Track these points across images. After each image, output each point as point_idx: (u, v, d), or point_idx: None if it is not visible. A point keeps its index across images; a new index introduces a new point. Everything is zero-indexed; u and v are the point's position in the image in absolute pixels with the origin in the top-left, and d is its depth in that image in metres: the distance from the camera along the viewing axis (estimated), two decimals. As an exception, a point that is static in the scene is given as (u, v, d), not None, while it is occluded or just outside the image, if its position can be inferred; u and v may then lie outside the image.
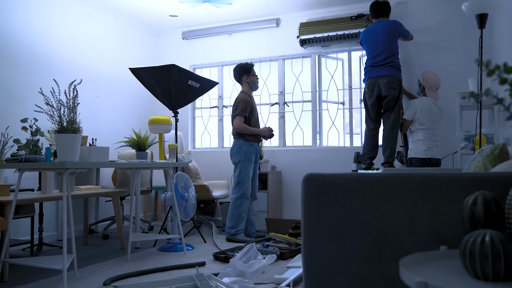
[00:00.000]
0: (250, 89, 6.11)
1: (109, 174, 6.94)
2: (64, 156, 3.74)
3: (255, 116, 6.02)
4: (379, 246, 1.72)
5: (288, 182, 7.17)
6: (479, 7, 4.47)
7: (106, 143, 6.87)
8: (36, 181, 5.69)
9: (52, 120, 3.84)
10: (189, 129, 8.06)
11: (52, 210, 5.94)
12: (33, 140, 4.14)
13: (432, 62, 6.32)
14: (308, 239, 1.83)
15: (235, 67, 6.11)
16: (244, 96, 5.96)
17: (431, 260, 1.38)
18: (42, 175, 4.75)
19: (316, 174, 1.84)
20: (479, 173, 1.69)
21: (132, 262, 4.64)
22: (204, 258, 4.84)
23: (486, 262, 1.14)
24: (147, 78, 5.58)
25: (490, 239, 1.16)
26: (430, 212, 1.67)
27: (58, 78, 6.08)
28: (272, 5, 6.90)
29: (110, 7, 6.94)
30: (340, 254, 1.77)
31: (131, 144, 5.42)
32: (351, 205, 1.77)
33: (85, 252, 5.20)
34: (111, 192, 5.44)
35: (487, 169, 2.12)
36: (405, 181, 1.72)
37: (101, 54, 6.96)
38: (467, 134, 5.09)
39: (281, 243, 5.23)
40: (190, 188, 5.54)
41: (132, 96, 7.61)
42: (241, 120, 5.86)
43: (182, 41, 8.13)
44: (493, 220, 1.33)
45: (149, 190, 6.48)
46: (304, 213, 1.84)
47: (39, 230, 5.18)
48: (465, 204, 1.39)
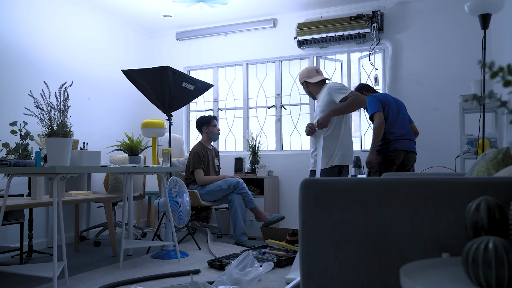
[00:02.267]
0: (209, 139, 6.72)
1: (101, 179, 6.92)
2: (55, 160, 3.73)
3: (207, 164, 6.62)
4: (379, 253, 1.72)
5: (285, 187, 7.16)
6: (482, 7, 4.47)
7: (98, 147, 6.85)
8: (25, 186, 5.67)
9: (42, 123, 3.83)
10: (183, 133, 8.05)
11: (42, 216, 5.92)
12: (22, 144, 4.13)
13: (434, 64, 6.33)
14: (306, 246, 1.83)
15: (197, 119, 6.77)
16: (196, 149, 6.58)
17: (433, 268, 1.38)
18: (32, 180, 4.74)
19: (314, 179, 1.84)
20: (482, 178, 1.69)
21: (124, 270, 4.63)
22: (198, 265, 4.83)
23: (489, 270, 1.14)
24: (140, 80, 5.57)
25: (494, 246, 1.15)
26: (431, 218, 1.67)
27: (48, 80, 6.06)
28: (268, 5, 6.91)
29: (101, 7, 6.94)
30: (339, 262, 1.77)
31: (123, 148, 5.41)
32: (350, 211, 1.76)
33: (76, 260, 5.18)
34: (103, 198, 5.43)
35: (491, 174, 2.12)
36: (406, 186, 1.72)
37: (92, 55, 6.95)
38: (470, 138, 5.10)
39: (278, 250, 5.22)
40: (184, 193, 5.53)
41: (125, 99, 7.61)
42: (201, 173, 6.48)
43: (176, 42, 8.14)
44: (496, 227, 1.33)
45: (142, 196, 6.46)
46: (302, 219, 1.84)
47: (28, 237, 5.16)
48: (468, 210, 1.38)
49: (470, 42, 6.15)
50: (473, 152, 4.98)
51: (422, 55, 6.43)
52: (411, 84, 6.47)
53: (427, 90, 6.37)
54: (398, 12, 6.56)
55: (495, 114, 5.23)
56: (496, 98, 3.96)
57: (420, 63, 6.43)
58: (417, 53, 6.46)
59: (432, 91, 6.34)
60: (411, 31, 6.46)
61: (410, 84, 6.47)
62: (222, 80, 7.96)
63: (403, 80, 6.50)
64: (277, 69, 7.46)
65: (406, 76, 6.48)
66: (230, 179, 6.30)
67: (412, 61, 6.49)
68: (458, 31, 6.24)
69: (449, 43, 6.29)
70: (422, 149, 6.26)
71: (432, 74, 6.36)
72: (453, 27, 6.26)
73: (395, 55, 6.55)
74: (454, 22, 6.26)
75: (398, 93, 6.45)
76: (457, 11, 6.22)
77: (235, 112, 7.80)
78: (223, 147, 7.85)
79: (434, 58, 6.35)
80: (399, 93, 6.46)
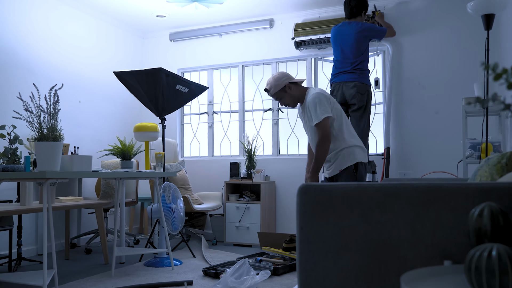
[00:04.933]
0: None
1: (92, 184, 6.91)
2: (44, 165, 3.72)
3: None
4: (379, 261, 1.72)
5: (282, 193, 7.16)
6: (485, 7, 4.47)
7: (89, 152, 6.85)
8: (14, 192, 5.66)
9: (31, 127, 3.82)
10: (177, 137, 8.04)
11: (32, 223, 5.91)
12: (11, 148, 4.12)
13: (435, 65, 6.33)
14: (303, 253, 1.83)
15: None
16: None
17: (435, 276, 1.37)
18: (21, 186, 4.72)
19: (312, 184, 1.84)
20: (486, 183, 1.69)
21: (116, 278, 4.62)
22: (193, 273, 4.82)
23: (493, 278, 1.14)
24: (132, 82, 5.57)
25: (497, 253, 1.15)
26: (433, 224, 1.67)
27: (38, 82, 6.06)
28: (265, 4, 6.92)
29: (93, 8, 6.93)
30: (337, 269, 1.77)
31: (115, 153, 5.40)
32: (349, 217, 1.76)
33: (67, 268, 5.17)
34: (94, 204, 5.42)
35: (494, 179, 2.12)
36: (407, 191, 1.71)
37: (83, 57, 6.95)
38: (473, 142, 5.10)
39: (275, 257, 5.22)
40: (178, 199, 5.53)
41: (117, 102, 7.60)
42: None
43: (169, 43, 8.14)
44: (500, 234, 1.33)
45: (134, 202, 6.46)
46: (300, 226, 1.84)
47: (17, 244, 5.14)
48: (471, 216, 1.38)
49: (473, 43, 6.15)
50: (476, 157, 4.99)
51: (423, 57, 6.43)
52: (411, 87, 6.46)
53: (428, 93, 6.36)
54: (398, 12, 6.56)
55: (499, 117, 5.25)
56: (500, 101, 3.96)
57: (421, 65, 6.43)
58: (418, 54, 6.46)
59: (433, 94, 6.34)
60: (412, 32, 6.46)
61: (411, 87, 6.47)
62: (217, 82, 7.95)
63: (403, 83, 6.50)
64: (274, 71, 7.45)
65: (407, 78, 6.47)
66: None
67: (413, 63, 6.48)
68: (461, 31, 6.24)
69: (451, 44, 6.29)
70: (423, 153, 6.27)
71: (433, 76, 6.36)
72: (455, 28, 6.27)
73: (395, 57, 6.55)
74: (456, 22, 6.26)
75: (398, 96, 6.45)
76: (459, 11, 6.23)
77: (231, 116, 7.79)
78: (218, 151, 7.85)
79: (436, 59, 6.36)
80: (399, 95, 6.46)
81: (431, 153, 6.24)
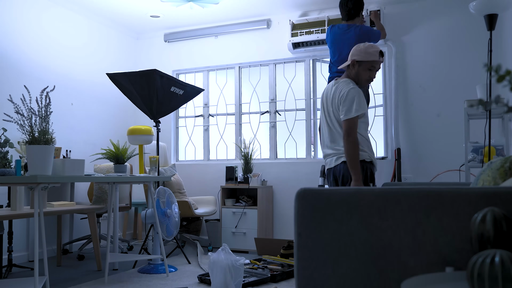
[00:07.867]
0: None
1: (85, 189, 6.89)
2: (36, 169, 3.71)
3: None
4: (380, 268, 1.72)
5: (279, 197, 7.15)
6: (488, 7, 4.47)
7: (82, 155, 6.82)
8: (5, 197, 5.64)
9: (22, 130, 3.82)
10: (172, 140, 8.04)
11: (23, 228, 5.89)
12: (1, 152, 4.11)
13: (437, 67, 6.33)
14: (301, 260, 1.82)
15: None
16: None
17: (436, 283, 1.37)
18: (12, 190, 4.71)
19: (310, 189, 1.84)
20: (488, 188, 1.69)
21: (109, 285, 4.61)
22: (188, 280, 4.82)
23: (496, 285, 1.14)
24: (126, 84, 5.57)
25: (500, 260, 1.15)
26: (435, 230, 1.67)
27: (29, 84, 6.04)
28: (262, 4, 6.92)
29: (86, 8, 6.93)
30: (336, 276, 1.77)
31: (108, 157, 5.40)
32: (348, 223, 1.76)
33: (59, 274, 5.15)
34: (87, 209, 5.41)
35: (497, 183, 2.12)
36: (407, 196, 1.71)
37: (76, 58, 6.94)
38: (475, 145, 5.10)
39: (273, 264, 5.21)
40: (173, 204, 5.52)
41: (110, 104, 7.59)
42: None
43: (164, 44, 8.13)
44: (503, 239, 1.33)
45: (128, 207, 6.44)
46: (297, 232, 1.84)
47: (8, 250, 5.13)
48: (473, 221, 1.38)
49: (476, 44, 6.14)
50: (478, 161, 4.99)
51: (424, 58, 6.42)
52: (412, 89, 6.46)
53: (430, 95, 6.36)
54: (399, 12, 6.56)
55: (502, 120, 5.25)
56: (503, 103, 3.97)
57: (422, 66, 6.43)
58: (419, 55, 6.46)
59: (435, 96, 6.33)
60: (413, 32, 6.47)
61: (412, 89, 6.46)
62: (213, 84, 7.95)
63: (404, 84, 6.50)
64: (271, 73, 7.46)
65: (408, 80, 6.48)
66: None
67: (414, 64, 6.48)
68: (463, 32, 6.24)
69: (453, 45, 6.29)
70: (424, 157, 6.27)
71: (435, 77, 6.35)
72: (458, 28, 6.27)
73: (395, 58, 6.55)
74: (458, 23, 6.26)
75: (399, 98, 6.46)
76: (461, 11, 6.22)
77: (227, 118, 7.78)
78: (213, 155, 7.84)
79: (437, 60, 6.35)
80: (400, 98, 6.46)
81: (432, 157, 6.23)
